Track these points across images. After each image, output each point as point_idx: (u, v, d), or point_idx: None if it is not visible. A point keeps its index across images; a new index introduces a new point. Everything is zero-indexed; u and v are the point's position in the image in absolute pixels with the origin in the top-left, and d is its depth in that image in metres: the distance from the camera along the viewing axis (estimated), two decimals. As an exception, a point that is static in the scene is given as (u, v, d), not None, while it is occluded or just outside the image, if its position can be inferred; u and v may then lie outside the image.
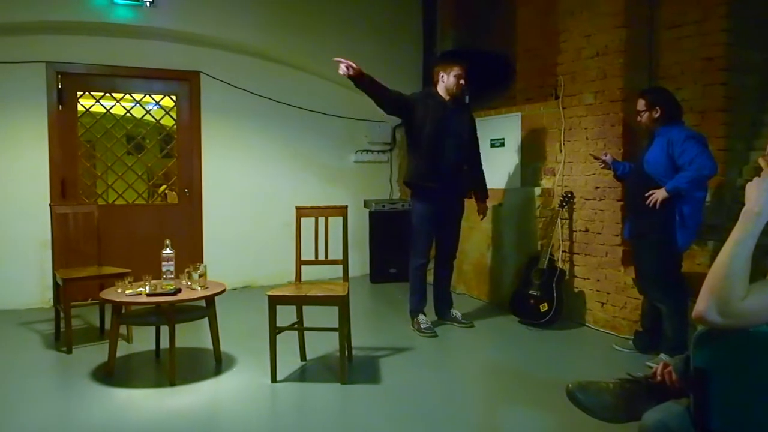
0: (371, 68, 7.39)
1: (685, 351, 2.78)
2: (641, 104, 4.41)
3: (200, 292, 4.19)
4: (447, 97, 5.22)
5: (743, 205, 1.74)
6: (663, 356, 4.19)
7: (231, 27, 6.71)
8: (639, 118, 4.46)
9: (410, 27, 7.75)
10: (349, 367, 4.30)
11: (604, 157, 4.82)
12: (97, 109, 6.66)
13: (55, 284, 5.09)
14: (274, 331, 4.05)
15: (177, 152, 6.97)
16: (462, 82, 5.20)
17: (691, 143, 4.16)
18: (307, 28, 7.09)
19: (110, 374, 4.14)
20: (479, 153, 5.52)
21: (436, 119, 5.13)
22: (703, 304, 1.68)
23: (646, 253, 4.44)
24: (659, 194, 4.20)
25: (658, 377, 2.15)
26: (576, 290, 5.55)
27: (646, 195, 4.26)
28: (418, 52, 7.76)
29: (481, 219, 5.66)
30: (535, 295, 5.37)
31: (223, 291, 4.30)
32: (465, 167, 5.39)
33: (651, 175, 4.31)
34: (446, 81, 5.21)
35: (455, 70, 5.18)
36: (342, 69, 4.83)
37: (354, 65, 4.83)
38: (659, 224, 4.26)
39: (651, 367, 2.39)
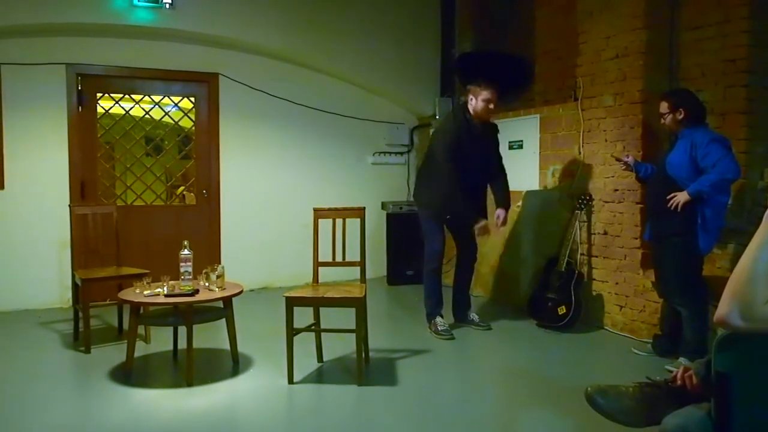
0: (389, 69, 7.51)
1: (705, 355, 2.75)
2: (664, 107, 4.37)
3: (218, 293, 4.20)
4: (476, 120, 5.16)
5: (765, 208, 1.71)
6: (683, 360, 4.15)
7: (249, 29, 6.74)
8: (662, 121, 4.42)
9: (428, 28, 7.74)
10: (366, 369, 4.29)
11: (625, 159, 4.78)
12: (117, 110, 6.71)
13: (74, 284, 5.13)
14: (292, 332, 4.06)
15: (195, 154, 7.00)
16: (491, 106, 5.13)
17: (714, 146, 4.12)
18: (325, 30, 7.11)
19: (128, 374, 4.16)
20: (502, 165, 5.52)
21: (467, 152, 5.09)
22: (725, 308, 1.65)
23: (667, 255, 4.40)
24: (681, 197, 4.16)
25: (678, 381, 2.12)
26: (594, 293, 5.51)
27: (668, 197, 4.23)
28: (437, 53, 7.75)
29: (500, 227, 5.48)
30: (553, 297, 5.34)
31: (241, 292, 4.32)
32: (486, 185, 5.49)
33: (673, 178, 4.28)
34: (474, 104, 5.13)
35: (483, 95, 5.09)
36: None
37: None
38: (681, 227, 4.22)
39: (671, 371, 2.37)
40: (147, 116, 6.83)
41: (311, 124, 7.43)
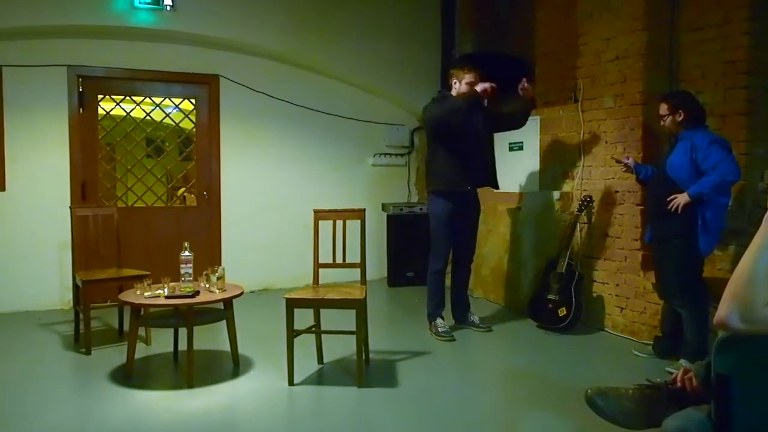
0: (389, 70, 7.52)
1: (705, 357, 2.75)
2: (664, 108, 4.38)
3: (218, 295, 4.20)
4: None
5: (765, 209, 1.71)
6: (683, 362, 4.15)
7: (250, 30, 6.75)
8: (662, 123, 4.43)
9: (429, 29, 7.74)
10: (367, 371, 4.29)
11: (626, 161, 4.79)
12: (118, 112, 6.72)
13: (75, 286, 5.13)
14: (292, 334, 4.06)
15: (196, 155, 7.01)
16: (476, 89, 5.14)
17: (714, 148, 4.12)
18: (325, 31, 7.11)
19: (128, 376, 4.16)
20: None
21: (459, 125, 5.10)
22: (725, 310, 1.65)
23: (668, 257, 4.40)
24: (681, 199, 4.16)
25: (678, 383, 2.12)
26: (595, 295, 5.50)
27: (668, 199, 4.23)
28: (437, 54, 7.75)
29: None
30: (554, 299, 5.34)
31: (241, 294, 4.32)
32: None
33: (674, 179, 4.28)
34: (458, 88, 5.19)
35: (467, 78, 5.13)
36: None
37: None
38: (681, 229, 4.22)
39: (671, 373, 2.36)
40: (148, 118, 6.83)
41: (311, 125, 7.43)
